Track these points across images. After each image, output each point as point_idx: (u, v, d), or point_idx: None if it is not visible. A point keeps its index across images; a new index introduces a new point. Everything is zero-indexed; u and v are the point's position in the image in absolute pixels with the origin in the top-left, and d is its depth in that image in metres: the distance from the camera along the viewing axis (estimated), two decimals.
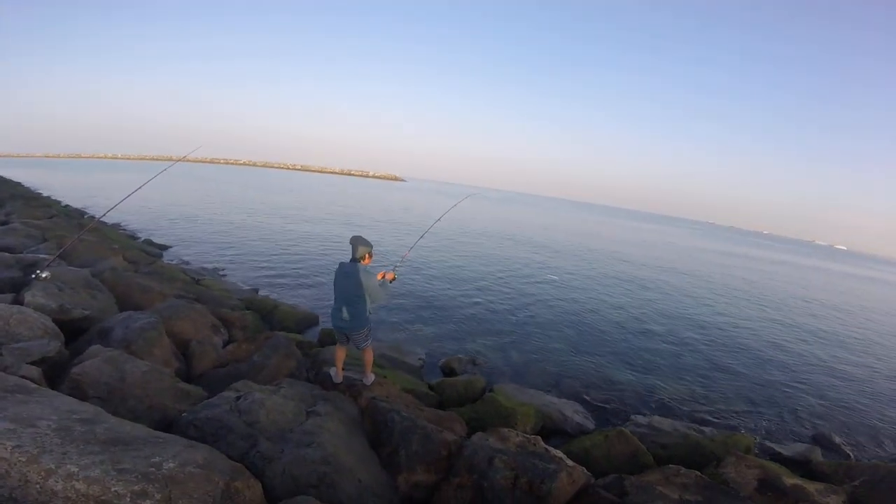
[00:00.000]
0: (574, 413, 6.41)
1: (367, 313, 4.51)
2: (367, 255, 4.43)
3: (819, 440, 6.66)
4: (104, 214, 6.51)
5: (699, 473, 3.90)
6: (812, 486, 4.21)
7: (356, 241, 4.43)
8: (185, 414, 3.48)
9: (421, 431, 3.90)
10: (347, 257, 4.52)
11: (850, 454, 6.32)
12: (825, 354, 11.41)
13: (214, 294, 8.57)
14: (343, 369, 4.93)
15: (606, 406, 6.95)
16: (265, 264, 13.11)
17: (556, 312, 11.69)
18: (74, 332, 5.06)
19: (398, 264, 5.08)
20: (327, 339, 7.26)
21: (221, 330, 6.49)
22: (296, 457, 3.15)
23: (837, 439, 6.63)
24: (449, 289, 12.66)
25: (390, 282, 4.83)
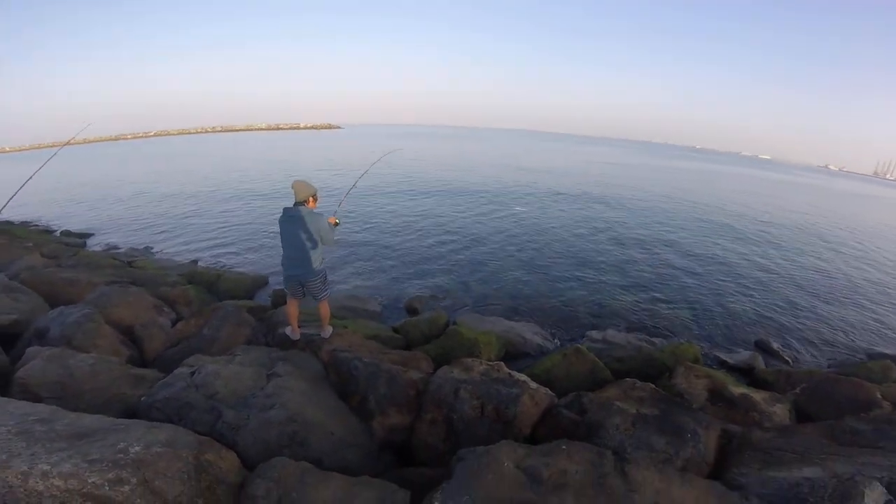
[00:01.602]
0: (534, 335, 6.66)
1: (322, 258, 4.36)
2: (311, 199, 4.20)
3: (759, 346, 7.04)
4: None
5: (654, 386, 4.09)
6: (758, 395, 4.50)
7: (299, 185, 4.18)
8: (143, 398, 3.42)
9: (386, 374, 3.90)
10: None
11: (788, 360, 6.67)
12: (759, 258, 12.20)
13: (150, 274, 8.08)
14: (299, 327, 4.82)
15: (563, 325, 7.26)
16: (201, 235, 12.38)
17: (509, 240, 11.94)
18: (8, 338, 4.78)
19: (336, 211, 4.87)
20: (280, 300, 7.04)
21: (165, 309, 6.18)
22: (261, 421, 3.13)
23: (775, 345, 6.98)
24: (401, 231, 12.59)
25: (335, 226, 4.64)
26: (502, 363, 4.48)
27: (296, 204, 4.17)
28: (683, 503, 2.42)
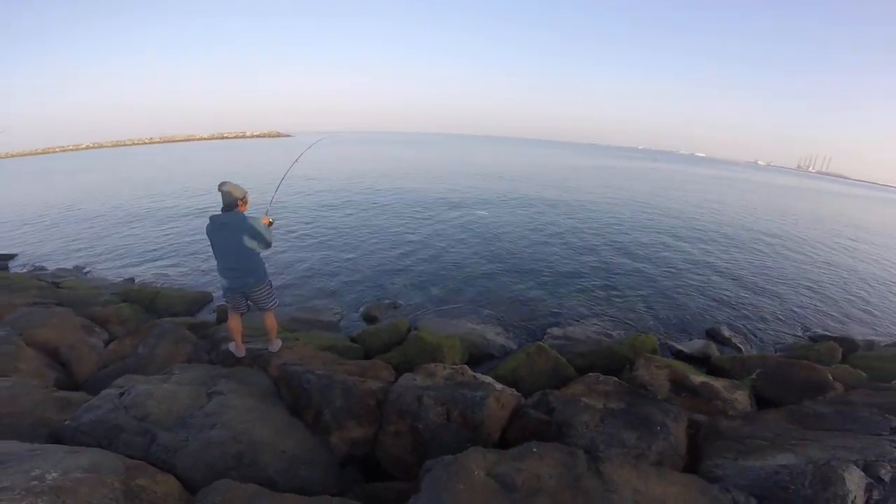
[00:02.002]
0: (496, 336, 6.58)
1: (263, 264, 4.06)
2: (240, 202, 3.88)
3: (710, 334, 7.23)
4: None
5: (617, 380, 4.06)
6: (718, 383, 4.55)
7: (227, 187, 3.84)
8: (67, 422, 3.10)
9: (341, 386, 3.66)
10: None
11: (739, 346, 6.86)
12: (699, 251, 12.72)
13: (80, 294, 7.40)
14: (245, 342, 4.48)
15: (525, 324, 7.21)
16: (139, 252, 11.47)
17: (467, 244, 11.84)
18: None
19: (268, 209, 4.55)
20: (225, 316, 6.61)
21: (97, 329, 5.69)
22: (202, 442, 2.85)
23: (725, 332, 7.19)
24: (356, 239, 12.18)
25: (269, 226, 4.31)
26: (466, 366, 4.34)
27: (224, 209, 3.84)
28: (665, 500, 2.33)
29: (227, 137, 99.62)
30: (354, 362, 4.49)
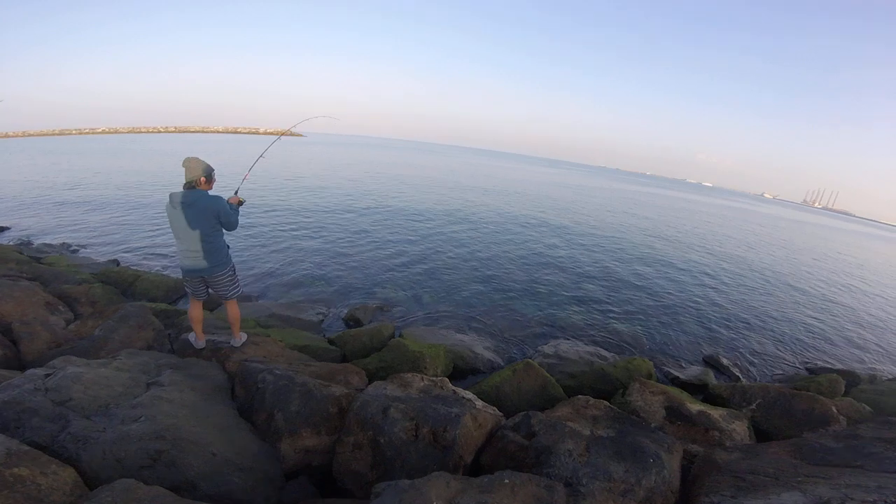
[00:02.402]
0: (485, 350, 6.24)
1: (227, 248, 3.74)
2: (202, 179, 3.56)
3: (708, 361, 6.92)
4: None
5: (608, 404, 3.73)
6: (716, 413, 4.24)
7: (190, 162, 3.52)
8: None
9: (300, 389, 3.29)
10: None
11: (739, 375, 6.56)
12: (702, 277, 12.41)
13: (57, 271, 7.07)
14: (211, 333, 4.14)
15: (516, 339, 6.87)
16: (131, 235, 11.17)
17: (465, 254, 11.49)
18: None
19: (239, 188, 4.25)
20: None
21: (61, 308, 5.35)
22: (119, 435, 2.50)
23: (724, 360, 6.90)
24: (355, 240, 11.87)
25: (238, 206, 4.02)
26: (447, 379, 3.99)
27: (186, 186, 3.52)
28: None
29: (240, 132, 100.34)
30: (324, 364, 4.14)
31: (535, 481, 2.28)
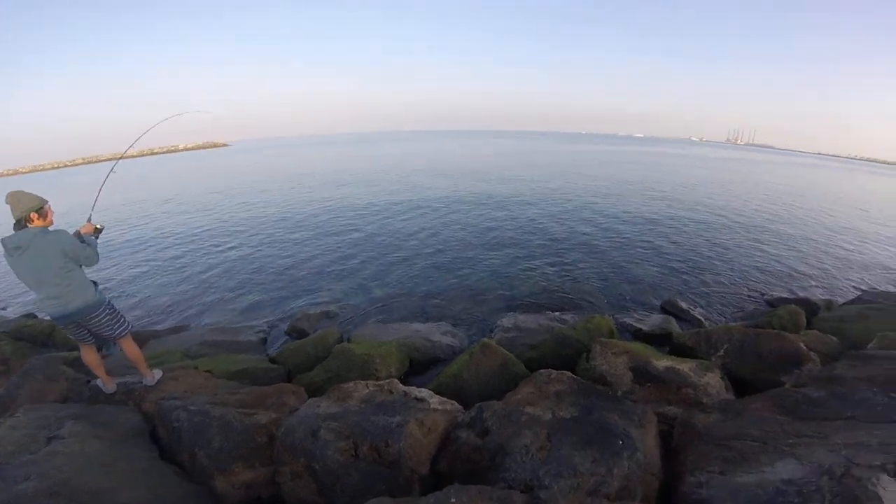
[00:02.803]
0: (443, 335, 5.93)
1: (93, 286, 3.22)
2: (34, 215, 2.99)
3: (667, 307, 6.84)
4: None
5: (571, 375, 3.44)
6: (685, 366, 4.01)
7: (14, 198, 2.95)
8: None
9: (218, 422, 2.91)
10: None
11: (699, 318, 6.49)
12: (644, 224, 12.61)
13: None
14: (118, 375, 3.64)
15: (474, 317, 6.62)
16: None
17: (413, 240, 11.07)
18: None
19: (91, 214, 3.74)
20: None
21: None
22: (11, 497, 2.33)
23: (683, 304, 6.84)
24: (290, 243, 11.16)
25: (95, 234, 3.53)
26: (396, 380, 3.62)
27: (16, 226, 2.96)
28: None
29: (157, 153, 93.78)
30: (252, 389, 3.68)
31: (487, 494, 1.95)
